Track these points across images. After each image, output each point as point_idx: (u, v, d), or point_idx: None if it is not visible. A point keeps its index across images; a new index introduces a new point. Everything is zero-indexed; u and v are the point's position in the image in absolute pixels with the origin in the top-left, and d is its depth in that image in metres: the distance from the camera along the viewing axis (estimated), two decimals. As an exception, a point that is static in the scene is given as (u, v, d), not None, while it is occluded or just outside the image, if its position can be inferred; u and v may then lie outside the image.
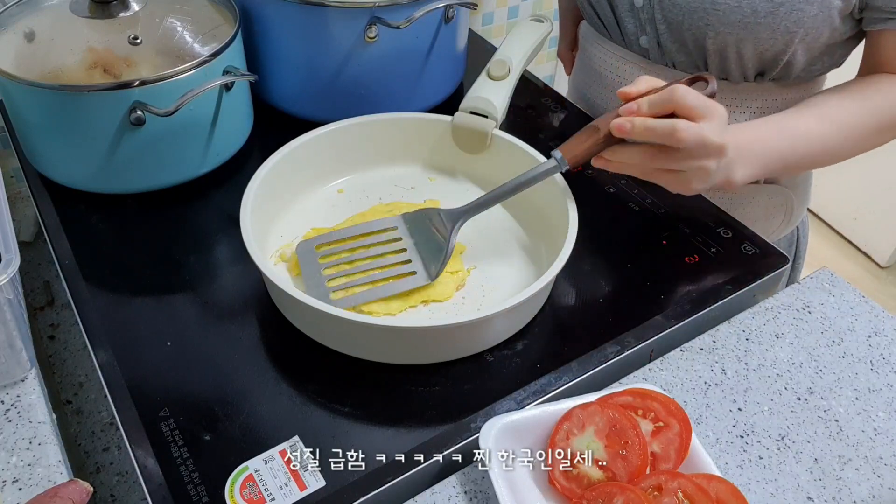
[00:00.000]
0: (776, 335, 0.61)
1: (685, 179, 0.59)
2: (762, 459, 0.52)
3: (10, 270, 0.50)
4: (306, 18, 0.72)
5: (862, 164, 2.15)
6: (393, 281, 0.60)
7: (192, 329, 0.59)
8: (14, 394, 0.55)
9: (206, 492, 0.48)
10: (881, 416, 0.55)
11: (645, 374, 0.58)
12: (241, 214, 0.58)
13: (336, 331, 0.56)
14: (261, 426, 0.52)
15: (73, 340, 0.76)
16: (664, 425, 0.49)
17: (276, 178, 0.65)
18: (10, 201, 0.84)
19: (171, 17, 0.70)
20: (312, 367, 0.56)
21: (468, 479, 0.51)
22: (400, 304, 0.59)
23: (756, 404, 0.56)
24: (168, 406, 0.53)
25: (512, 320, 0.58)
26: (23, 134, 0.70)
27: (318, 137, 0.68)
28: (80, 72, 0.65)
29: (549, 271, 0.55)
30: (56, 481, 0.50)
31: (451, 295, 0.61)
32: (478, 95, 0.71)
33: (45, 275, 0.81)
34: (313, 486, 0.48)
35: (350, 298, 0.58)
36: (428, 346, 0.56)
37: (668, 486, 0.45)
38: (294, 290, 0.53)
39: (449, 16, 0.76)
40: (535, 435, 0.50)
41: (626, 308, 0.61)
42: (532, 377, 0.55)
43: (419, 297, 0.60)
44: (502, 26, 1.37)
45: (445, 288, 0.61)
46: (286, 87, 0.79)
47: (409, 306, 0.59)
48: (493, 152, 0.70)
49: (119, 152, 0.66)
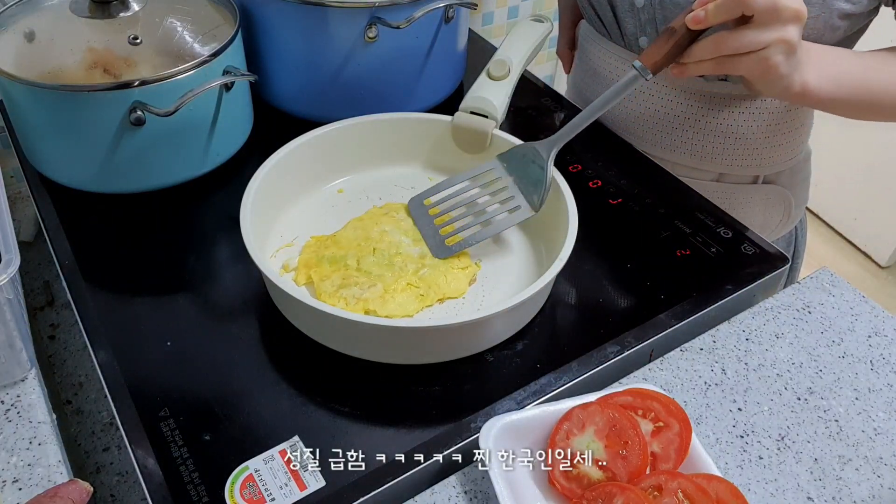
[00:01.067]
0: (776, 335, 0.61)
1: (766, 59, 0.57)
2: (762, 459, 0.52)
3: (10, 270, 0.50)
4: (306, 18, 0.72)
5: (862, 164, 2.15)
6: (500, 217, 0.64)
7: (192, 329, 0.59)
8: (14, 394, 0.55)
9: (206, 492, 0.48)
10: (881, 416, 0.55)
11: (645, 374, 0.58)
12: (241, 214, 0.58)
13: (335, 331, 0.56)
14: (261, 426, 0.52)
15: (73, 340, 0.76)
16: (664, 425, 0.49)
17: (277, 178, 0.65)
18: (10, 201, 0.84)
19: (171, 17, 0.70)
20: (313, 367, 0.56)
21: (468, 479, 0.51)
22: (417, 305, 0.59)
23: (756, 404, 0.56)
24: (168, 406, 0.53)
25: (512, 320, 0.58)
26: (23, 134, 0.70)
27: (318, 137, 0.68)
28: (80, 72, 0.65)
29: (549, 271, 0.55)
30: (56, 481, 0.50)
31: (465, 290, 0.61)
32: (478, 95, 0.71)
33: (45, 275, 0.81)
34: (313, 486, 0.48)
35: (463, 242, 0.63)
36: (427, 346, 0.56)
37: (668, 486, 0.45)
38: (293, 290, 0.53)
39: (449, 16, 0.76)
40: (535, 435, 0.50)
41: (626, 308, 0.61)
42: (532, 377, 0.55)
43: (435, 295, 0.60)
44: (502, 26, 1.37)
45: (459, 284, 0.61)
46: (286, 87, 0.79)
47: (426, 305, 0.60)
48: (493, 152, 0.70)
49: (119, 152, 0.66)
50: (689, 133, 0.77)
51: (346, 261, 0.61)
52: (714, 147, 0.77)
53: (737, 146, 0.77)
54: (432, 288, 0.60)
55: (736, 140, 0.76)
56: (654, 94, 0.77)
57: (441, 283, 0.60)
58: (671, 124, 0.77)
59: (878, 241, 2.02)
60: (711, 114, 0.75)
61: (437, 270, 0.61)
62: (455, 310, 0.60)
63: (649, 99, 0.77)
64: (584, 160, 0.76)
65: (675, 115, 0.77)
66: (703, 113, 0.75)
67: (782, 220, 0.83)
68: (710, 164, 0.78)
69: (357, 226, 0.65)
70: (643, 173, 0.76)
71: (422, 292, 0.60)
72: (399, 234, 0.64)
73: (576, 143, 0.65)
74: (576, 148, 0.74)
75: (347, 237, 0.64)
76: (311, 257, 0.62)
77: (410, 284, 0.60)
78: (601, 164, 0.76)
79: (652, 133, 0.79)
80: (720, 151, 0.77)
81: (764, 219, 0.82)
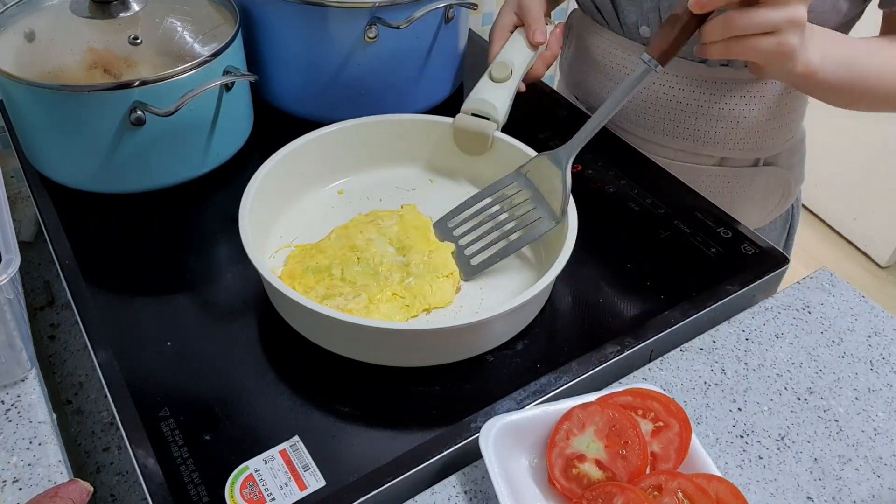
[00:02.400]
0: (776, 335, 0.61)
1: (782, 43, 0.55)
2: (762, 459, 0.52)
3: (11, 270, 0.50)
4: (306, 18, 0.72)
5: (862, 164, 2.15)
6: (524, 232, 0.63)
7: (192, 329, 0.59)
8: (14, 394, 0.55)
9: (206, 492, 0.48)
10: (881, 416, 0.55)
11: (645, 374, 0.58)
12: (240, 215, 0.58)
13: (332, 333, 0.56)
14: (261, 426, 0.52)
15: (73, 340, 0.76)
16: (664, 425, 0.49)
17: (276, 178, 0.64)
18: (10, 201, 0.84)
19: (171, 17, 0.70)
20: (313, 367, 0.56)
21: (468, 479, 0.51)
22: (402, 315, 0.59)
23: (756, 404, 0.56)
24: (168, 406, 0.53)
25: (510, 323, 0.58)
26: (23, 134, 0.70)
27: (319, 139, 0.68)
28: (81, 72, 0.65)
29: (548, 274, 0.55)
30: (56, 481, 0.50)
31: (451, 300, 0.61)
32: (479, 98, 0.71)
33: (45, 275, 0.82)
34: (313, 486, 0.48)
35: (487, 260, 0.62)
36: (426, 349, 0.56)
37: (668, 486, 0.45)
38: (290, 292, 0.53)
39: (449, 16, 0.76)
40: (535, 435, 0.50)
41: (626, 308, 0.61)
42: (532, 377, 0.55)
43: (420, 306, 0.60)
44: (502, 26, 1.37)
45: (445, 294, 0.61)
46: (286, 87, 0.79)
47: (411, 316, 0.59)
48: (495, 154, 0.70)
49: (119, 152, 0.66)
50: (692, 119, 0.77)
51: (331, 270, 0.61)
52: (716, 132, 0.77)
53: (738, 130, 0.77)
54: (418, 298, 0.60)
55: (738, 124, 0.76)
56: (654, 81, 0.77)
57: (426, 292, 0.60)
58: (674, 110, 0.77)
59: (878, 241, 2.02)
60: (713, 99, 0.75)
61: (422, 280, 0.61)
62: (454, 313, 0.60)
63: (651, 86, 0.77)
64: (585, 160, 0.76)
65: (678, 101, 0.77)
66: (705, 98, 0.75)
67: (781, 199, 0.84)
68: (713, 149, 0.79)
69: (342, 234, 0.65)
70: (643, 173, 0.76)
71: (407, 302, 0.59)
72: (384, 242, 0.63)
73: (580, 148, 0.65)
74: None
75: (332, 246, 0.63)
76: (296, 268, 0.62)
77: (396, 294, 0.59)
78: (601, 164, 0.76)
79: (654, 120, 0.79)
80: (722, 136, 0.77)
81: (764, 199, 0.82)
